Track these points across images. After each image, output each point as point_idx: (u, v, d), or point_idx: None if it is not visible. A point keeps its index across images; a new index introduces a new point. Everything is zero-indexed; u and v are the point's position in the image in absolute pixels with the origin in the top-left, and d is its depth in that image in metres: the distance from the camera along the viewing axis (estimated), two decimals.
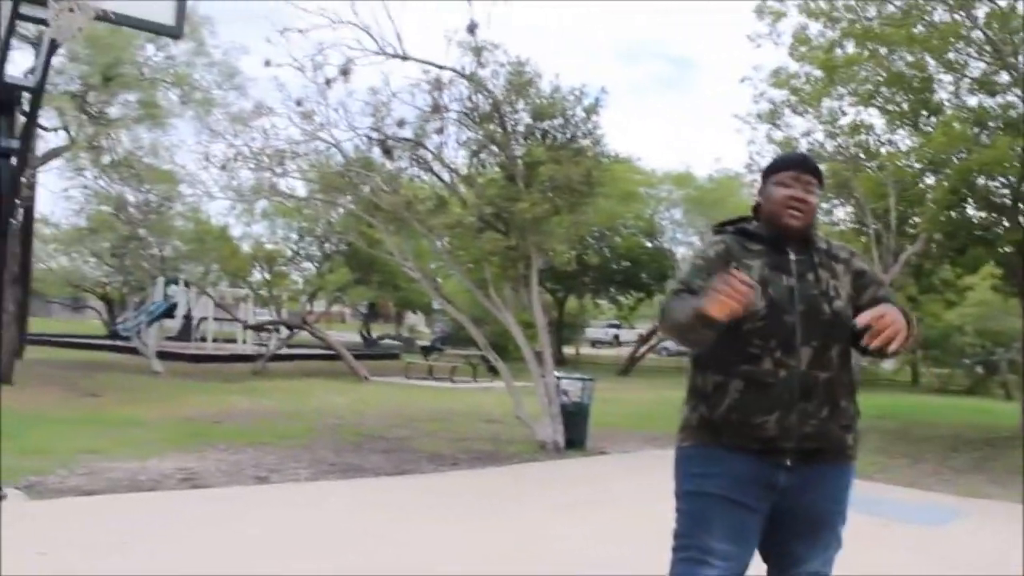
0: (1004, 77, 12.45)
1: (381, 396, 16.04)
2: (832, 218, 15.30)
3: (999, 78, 12.75)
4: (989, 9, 12.11)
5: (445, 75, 9.78)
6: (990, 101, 13.30)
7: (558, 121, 10.08)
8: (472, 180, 10.49)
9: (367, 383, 19.27)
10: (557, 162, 9.51)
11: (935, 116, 13.10)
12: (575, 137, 10.07)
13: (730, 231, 2.81)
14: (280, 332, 24.91)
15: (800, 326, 2.57)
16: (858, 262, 2.79)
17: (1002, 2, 12.01)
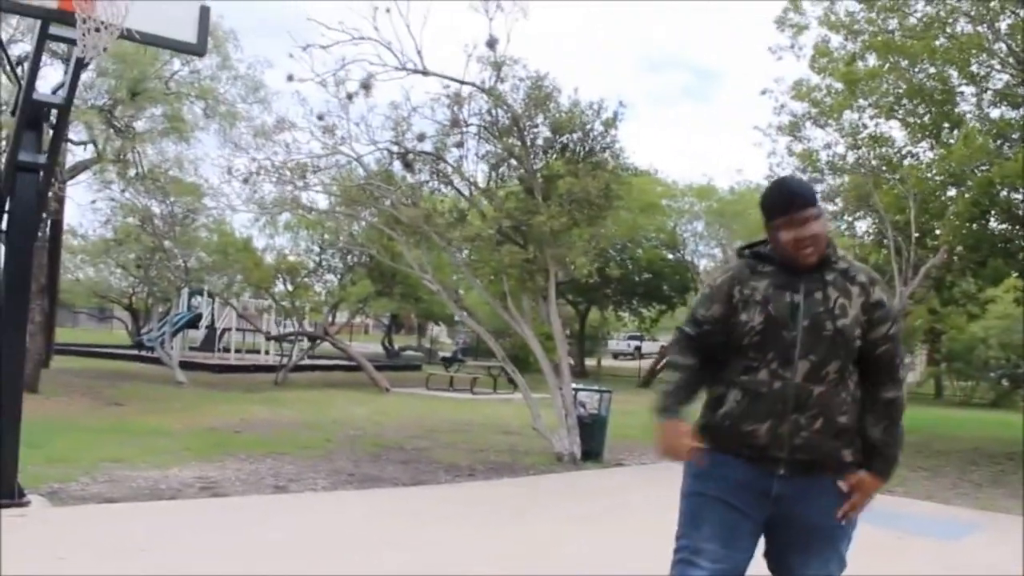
0: None
1: (401, 407, 16.12)
2: (854, 231, 15.33)
3: (1022, 90, 12.72)
4: (1012, 21, 12.09)
5: (465, 90, 9.89)
6: (1012, 113, 13.26)
7: (577, 135, 10.14)
8: (491, 193, 10.57)
9: (388, 394, 19.35)
10: (575, 176, 9.58)
11: (957, 128, 13.07)
12: (593, 151, 10.12)
13: (747, 255, 2.92)
14: (302, 343, 25.09)
15: (801, 340, 2.66)
16: (878, 292, 2.79)
17: None
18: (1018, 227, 14.02)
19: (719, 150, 79.60)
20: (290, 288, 24.56)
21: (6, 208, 6.52)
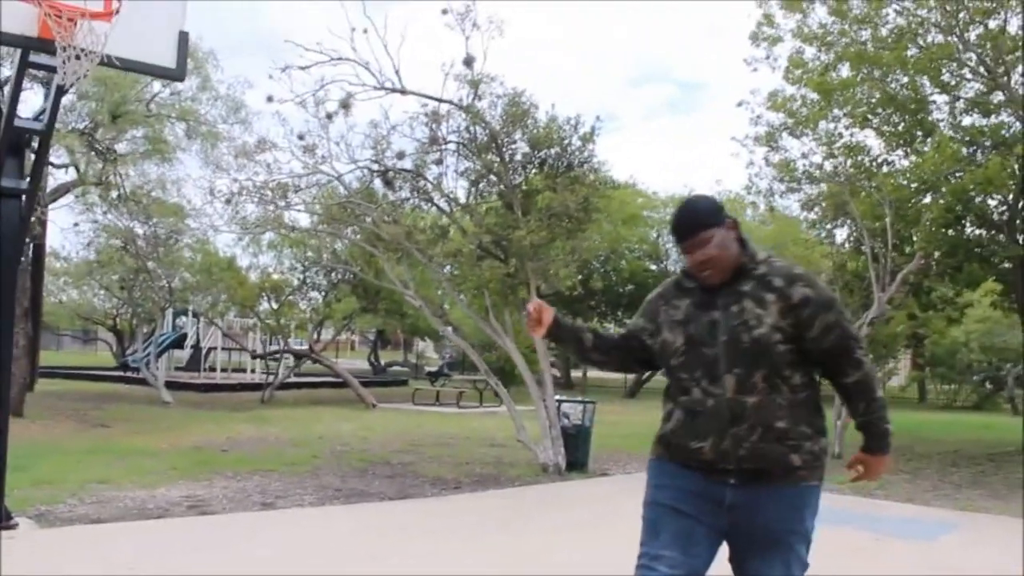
0: (999, 97, 12.63)
1: (387, 422, 16.17)
2: (833, 239, 15.50)
3: (993, 98, 12.94)
4: (980, 31, 12.30)
5: (443, 107, 10.01)
6: (984, 121, 13.49)
7: (555, 150, 10.26)
8: (472, 209, 10.68)
9: (374, 410, 19.40)
10: (554, 190, 9.71)
11: (930, 136, 13.28)
12: (572, 165, 10.25)
13: (679, 272, 3.06)
14: (288, 361, 25.10)
15: (723, 355, 2.74)
16: (800, 290, 2.76)
17: (992, 24, 12.21)
18: (993, 232, 14.25)
19: (702, 161, 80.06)
20: (275, 306, 24.59)
21: None
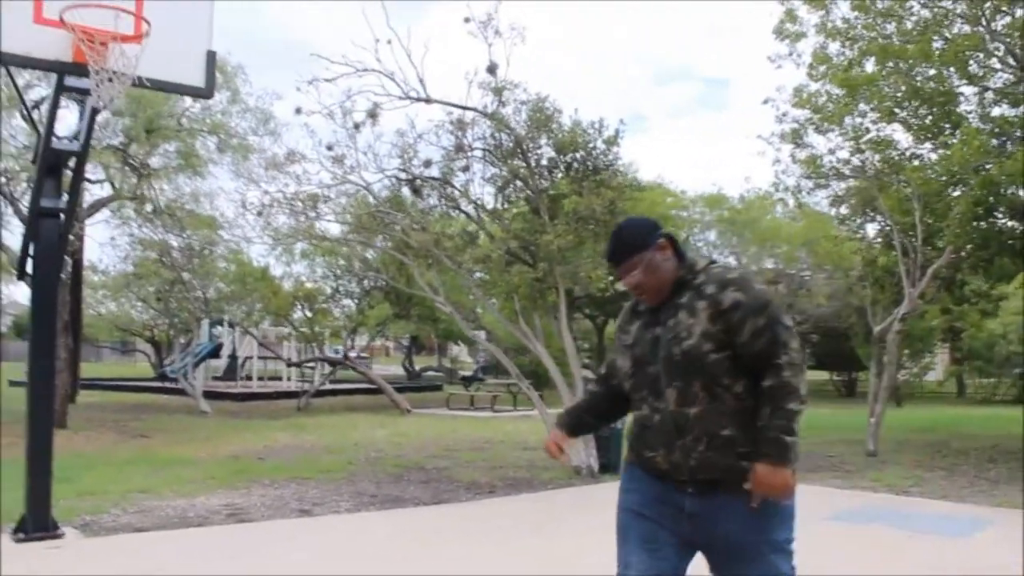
0: None
1: (422, 428, 16.30)
2: (864, 234, 15.43)
3: (1021, 88, 12.81)
4: (1008, 20, 12.20)
5: (468, 115, 10.12)
6: (1013, 111, 13.36)
7: (580, 154, 10.34)
8: (499, 215, 10.78)
9: (409, 415, 19.53)
10: (579, 194, 9.78)
11: (958, 128, 13.16)
12: (597, 168, 10.32)
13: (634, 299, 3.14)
14: (323, 368, 25.36)
15: (663, 371, 2.82)
16: (731, 295, 2.76)
17: (1020, 12, 12.10)
18: None
19: (730, 158, 79.66)
20: (309, 314, 24.87)
21: (31, 253, 6.80)
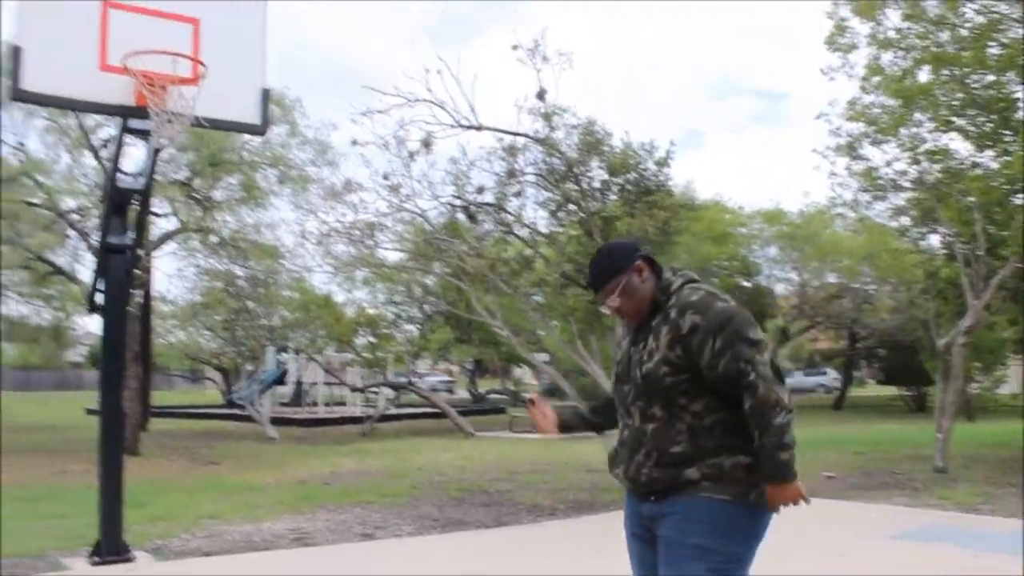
0: None
1: (484, 451, 16.39)
2: (926, 244, 15.21)
3: None
4: None
5: (519, 141, 10.27)
6: None
7: (631, 175, 10.42)
8: (553, 238, 10.89)
9: (472, 439, 19.65)
10: (632, 215, 9.85)
11: (1018, 135, 12.93)
12: (649, 190, 10.38)
13: None
14: (388, 393, 25.63)
15: (631, 390, 2.97)
16: (690, 318, 2.80)
17: None
18: None
19: (787, 173, 78.78)
20: (372, 340, 25.20)
21: (100, 287, 7.09)
